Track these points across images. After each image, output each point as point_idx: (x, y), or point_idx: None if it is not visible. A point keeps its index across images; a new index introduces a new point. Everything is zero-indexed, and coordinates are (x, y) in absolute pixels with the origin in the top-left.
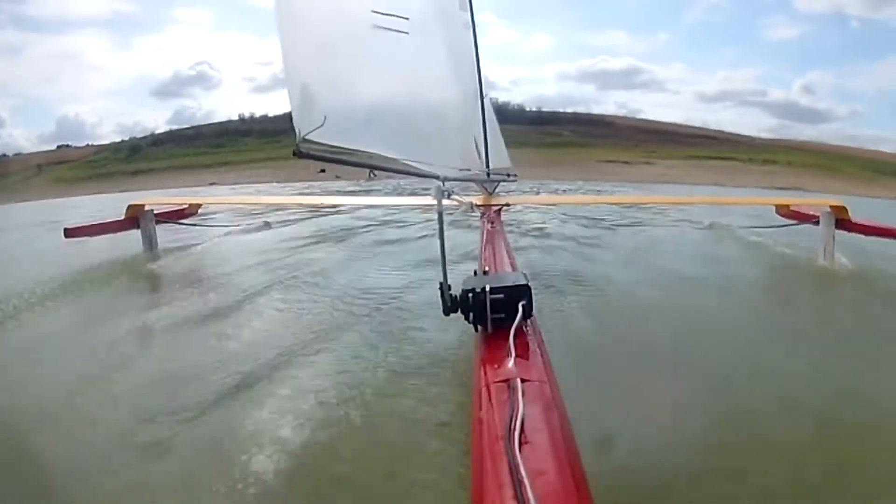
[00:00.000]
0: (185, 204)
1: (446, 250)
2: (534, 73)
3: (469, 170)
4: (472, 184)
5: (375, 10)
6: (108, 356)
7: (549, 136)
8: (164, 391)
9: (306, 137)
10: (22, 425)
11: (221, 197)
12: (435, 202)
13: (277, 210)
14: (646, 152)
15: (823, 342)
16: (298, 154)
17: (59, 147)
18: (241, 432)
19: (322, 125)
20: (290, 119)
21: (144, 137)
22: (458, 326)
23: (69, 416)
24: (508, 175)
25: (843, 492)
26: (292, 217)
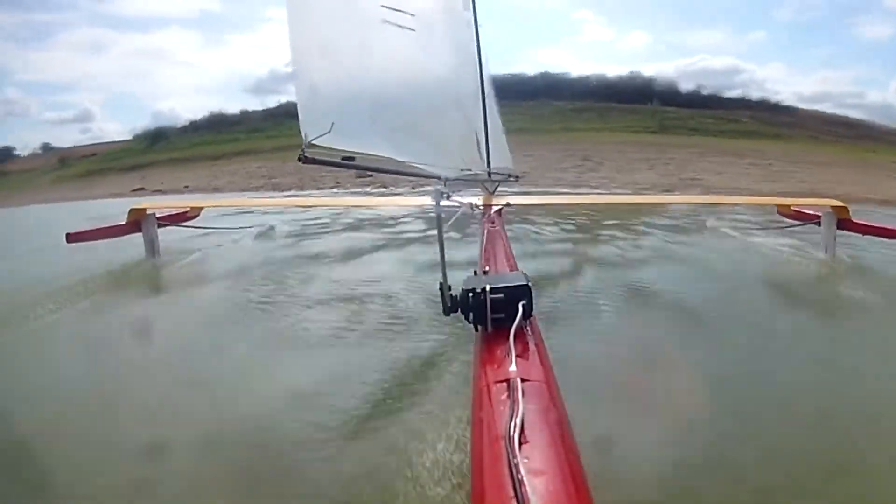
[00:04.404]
0: (187, 207)
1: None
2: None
3: (470, 170)
4: (473, 183)
5: (385, 4)
6: None
7: (725, 122)
8: None
9: (312, 142)
10: None
11: (223, 199)
12: (433, 203)
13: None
14: (864, 150)
15: None
16: (304, 160)
17: (133, 137)
18: None
19: (329, 131)
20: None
21: (184, 126)
22: None
23: None
24: (510, 176)
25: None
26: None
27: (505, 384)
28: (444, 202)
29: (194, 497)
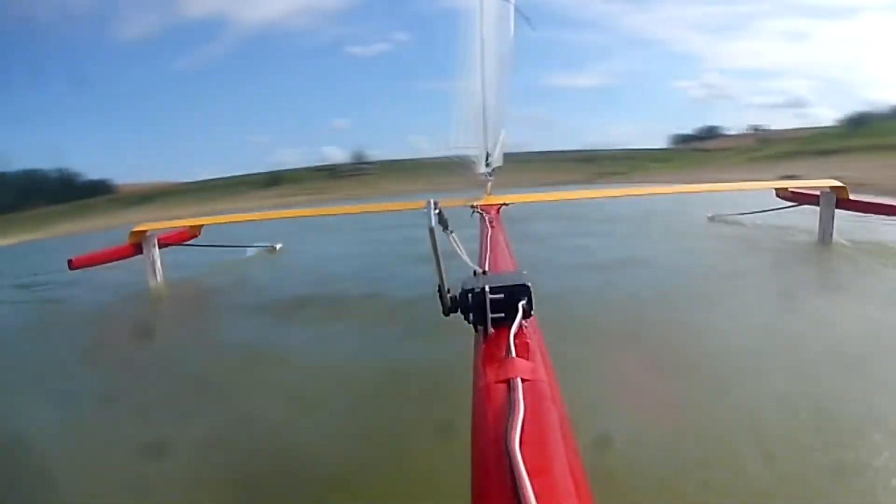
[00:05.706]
0: (185, 227)
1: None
2: None
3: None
4: (469, 185)
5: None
6: None
7: None
8: None
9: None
10: None
11: (221, 216)
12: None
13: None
14: None
15: None
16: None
17: (838, 122)
18: None
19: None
20: None
21: (888, 113)
22: None
23: None
24: (491, 173)
25: None
26: None
27: (505, 384)
28: (443, 201)
29: None
